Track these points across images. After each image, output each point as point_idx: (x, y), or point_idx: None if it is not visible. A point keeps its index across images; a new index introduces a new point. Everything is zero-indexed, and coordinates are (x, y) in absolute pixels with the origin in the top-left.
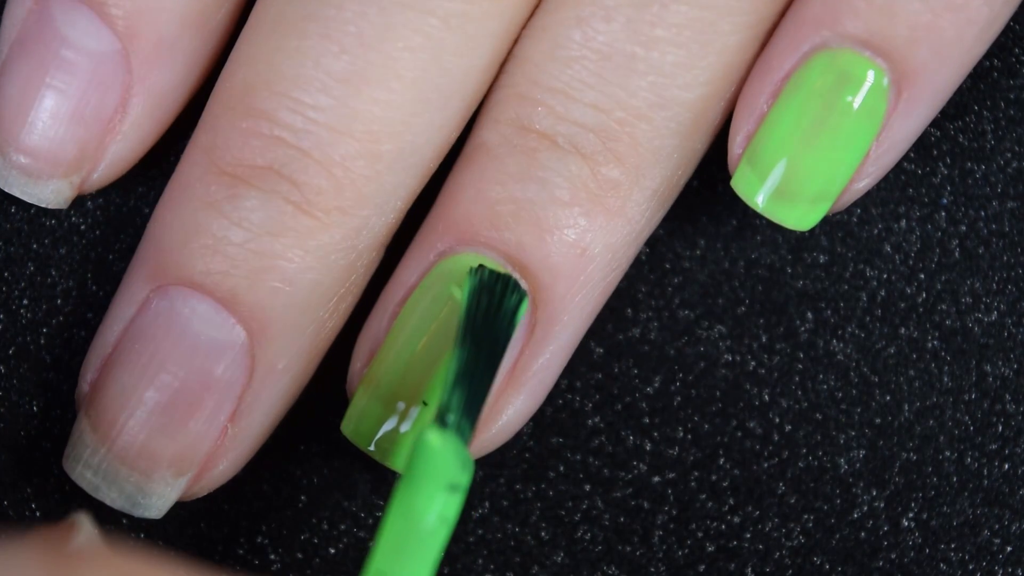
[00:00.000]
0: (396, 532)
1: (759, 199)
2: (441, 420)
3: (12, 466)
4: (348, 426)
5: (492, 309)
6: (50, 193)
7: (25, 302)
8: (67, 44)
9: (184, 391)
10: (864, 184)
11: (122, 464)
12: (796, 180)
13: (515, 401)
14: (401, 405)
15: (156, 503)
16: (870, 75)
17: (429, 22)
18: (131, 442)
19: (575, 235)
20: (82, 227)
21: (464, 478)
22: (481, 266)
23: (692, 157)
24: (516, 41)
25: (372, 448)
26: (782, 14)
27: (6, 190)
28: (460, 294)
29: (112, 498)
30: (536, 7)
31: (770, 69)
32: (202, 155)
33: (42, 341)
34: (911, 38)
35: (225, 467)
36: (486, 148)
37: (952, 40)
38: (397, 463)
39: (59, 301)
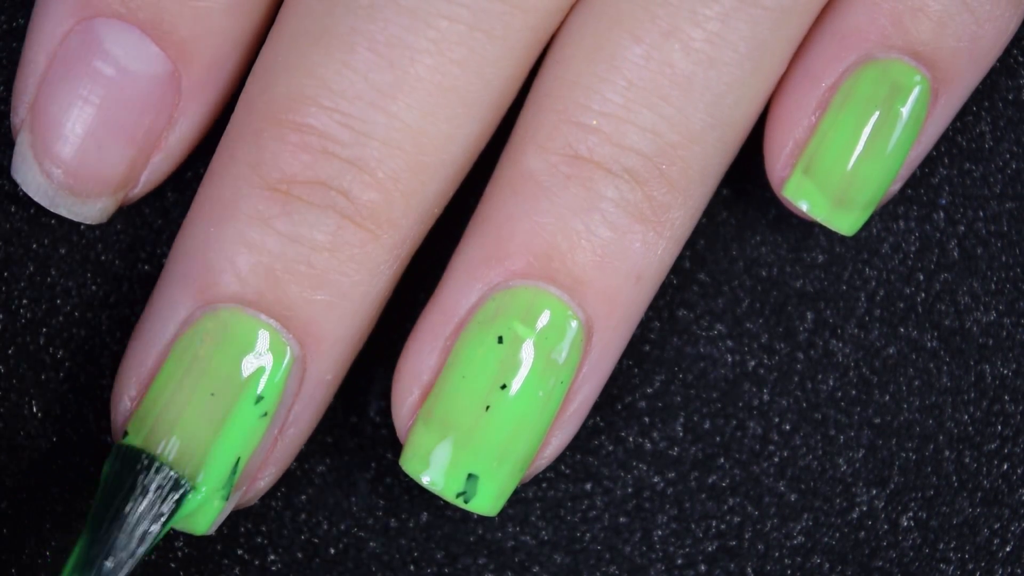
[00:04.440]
0: None
1: (818, 208)
2: None
3: (12, 466)
4: (413, 466)
5: (135, 503)
6: (97, 211)
7: (25, 302)
8: (118, 66)
9: None
10: (899, 185)
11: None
12: (854, 188)
13: (567, 427)
14: (472, 448)
15: (207, 520)
16: (919, 85)
17: (474, 35)
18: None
19: (631, 263)
20: (82, 227)
21: None
22: (133, 450)
23: (726, 171)
24: (560, 62)
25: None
26: (813, 25)
27: (53, 211)
28: (103, 471)
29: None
30: (566, 19)
31: (815, 80)
32: (248, 170)
33: (42, 341)
34: (956, 48)
35: (271, 477)
36: (536, 178)
37: (988, 48)
38: (470, 503)
39: (59, 301)
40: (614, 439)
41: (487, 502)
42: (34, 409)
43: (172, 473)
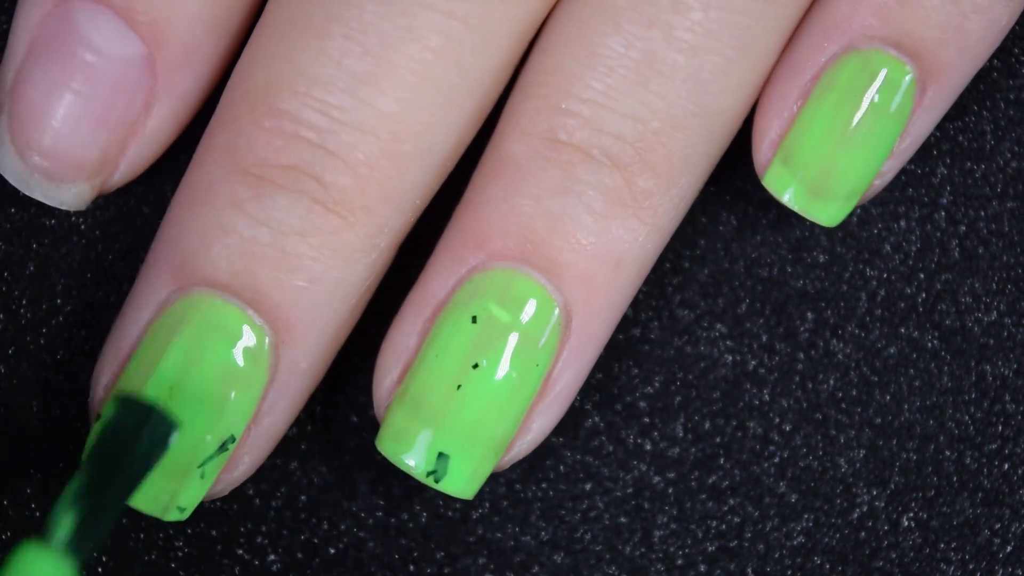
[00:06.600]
0: None
1: (796, 198)
2: (46, 536)
3: (12, 466)
4: (386, 445)
5: (130, 439)
6: (72, 196)
7: (25, 302)
8: (93, 49)
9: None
10: (885, 179)
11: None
12: (832, 178)
13: (547, 412)
14: (442, 426)
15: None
16: (903, 76)
17: (450, 24)
18: None
19: (610, 247)
20: (82, 227)
21: None
22: (129, 396)
23: (715, 161)
24: (545, 49)
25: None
26: (803, 16)
27: (28, 194)
28: (105, 413)
29: (142, 504)
30: (552, 8)
31: (798, 70)
32: (224, 156)
33: (42, 341)
34: (941, 39)
35: (246, 466)
36: (517, 161)
37: (977, 40)
38: (440, 483)
39: (59, 301)
40: (614, 439)
41: (459, 483)
42: (34, 409)
43: (166, 421)
